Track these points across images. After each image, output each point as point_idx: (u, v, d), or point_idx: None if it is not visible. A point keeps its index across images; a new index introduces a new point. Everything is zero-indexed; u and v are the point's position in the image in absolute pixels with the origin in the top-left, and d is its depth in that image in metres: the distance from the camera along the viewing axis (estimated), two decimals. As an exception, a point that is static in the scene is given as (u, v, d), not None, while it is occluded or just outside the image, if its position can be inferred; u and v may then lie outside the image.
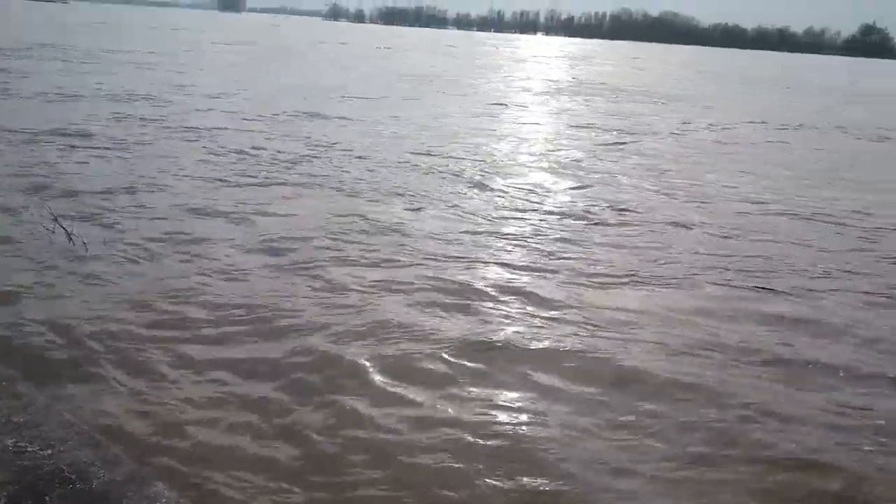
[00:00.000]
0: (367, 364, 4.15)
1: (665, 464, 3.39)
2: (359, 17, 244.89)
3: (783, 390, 4.14)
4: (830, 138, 16.46)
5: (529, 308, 5.11)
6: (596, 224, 7.46)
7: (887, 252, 7.07)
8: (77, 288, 4.97)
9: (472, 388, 3.97)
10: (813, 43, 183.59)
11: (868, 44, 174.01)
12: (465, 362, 4.23)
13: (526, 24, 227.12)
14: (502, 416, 3.72)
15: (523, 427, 3.63)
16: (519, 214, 7.69)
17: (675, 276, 5.96)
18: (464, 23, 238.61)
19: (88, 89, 15.50)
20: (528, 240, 6.76)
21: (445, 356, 4.27)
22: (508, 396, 3.92)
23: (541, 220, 7.53)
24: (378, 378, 4.01)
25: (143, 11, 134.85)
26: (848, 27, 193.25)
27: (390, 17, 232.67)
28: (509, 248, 6.47)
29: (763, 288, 5.79)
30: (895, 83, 51.13)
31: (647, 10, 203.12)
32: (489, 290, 5.39)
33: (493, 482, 3.19)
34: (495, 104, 18.75)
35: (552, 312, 5.05)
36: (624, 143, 13.40)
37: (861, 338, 4.96)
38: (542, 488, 3.19)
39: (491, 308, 5.07)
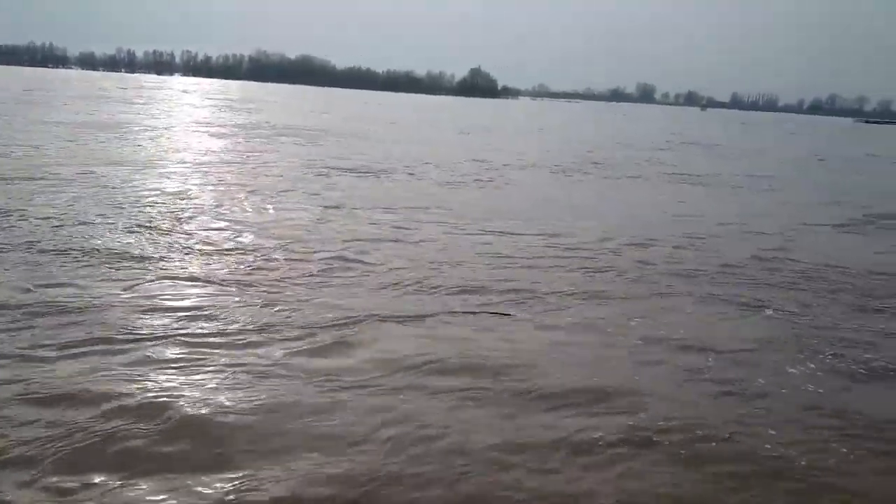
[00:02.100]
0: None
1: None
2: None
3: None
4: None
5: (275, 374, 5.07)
6: (334, 270, 7.59)
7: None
8: None
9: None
10: (434, 84, 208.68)
11: (475, 85, 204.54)
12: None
13: (161, 65, 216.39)
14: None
15: None
16: (243, 259, 7.47)
17: (425, 312, 6.41)
18: (88, 63, 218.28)
19: None
20: (265, 292, 6.61)
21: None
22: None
23: (289, 269, 7.36)
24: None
25: None
26: (461, 71, 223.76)
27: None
28: (232, 307, 6.27)
29: (501, 314, 6.54)
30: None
31: (284, 52, 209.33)
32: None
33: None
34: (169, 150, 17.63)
35: (273, 367, 5.02)
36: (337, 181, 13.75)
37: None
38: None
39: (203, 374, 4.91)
